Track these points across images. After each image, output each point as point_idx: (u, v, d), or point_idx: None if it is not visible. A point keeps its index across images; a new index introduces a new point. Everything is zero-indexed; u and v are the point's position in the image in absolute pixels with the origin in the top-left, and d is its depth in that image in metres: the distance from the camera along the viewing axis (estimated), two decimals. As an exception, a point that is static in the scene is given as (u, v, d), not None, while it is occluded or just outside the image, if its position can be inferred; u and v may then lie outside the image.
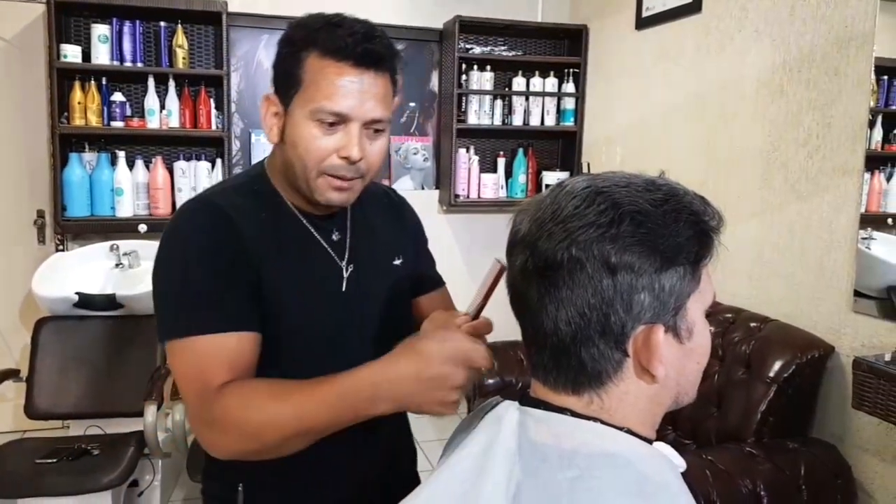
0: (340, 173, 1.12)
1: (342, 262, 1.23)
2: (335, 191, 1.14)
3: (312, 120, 1.09)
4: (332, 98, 1.08)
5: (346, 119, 1.09)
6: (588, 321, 0.70)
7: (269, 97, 1.15)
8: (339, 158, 1.11)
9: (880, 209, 2.36)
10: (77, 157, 3.39)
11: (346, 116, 1.09)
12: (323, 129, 1.09)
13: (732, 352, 2.44)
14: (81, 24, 3.45)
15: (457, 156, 4.03)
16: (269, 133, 1.16)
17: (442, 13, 3.99)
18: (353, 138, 1.10)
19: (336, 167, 1.11)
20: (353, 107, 1.09)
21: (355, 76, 1.09)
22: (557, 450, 0.71)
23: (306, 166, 1.11)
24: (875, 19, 2.24)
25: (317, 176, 1.12)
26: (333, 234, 1.23)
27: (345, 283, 1.22)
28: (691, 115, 3.14)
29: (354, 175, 1.13)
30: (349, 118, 1.09)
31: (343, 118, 1.09)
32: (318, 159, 1.11)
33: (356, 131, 1.10)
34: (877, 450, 2.23)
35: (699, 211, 0.72)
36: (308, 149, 1.10)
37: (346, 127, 1.10)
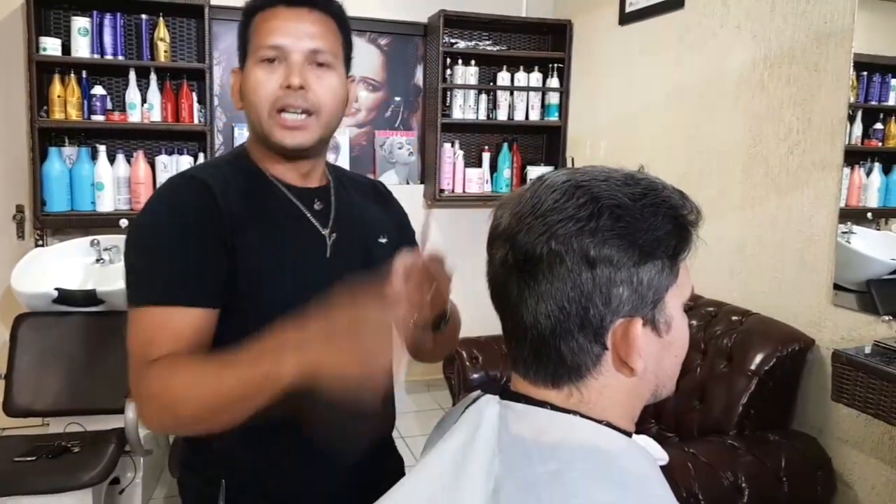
0: (285, 103, 1.15)
1: (325, 230, 1.23)
2: (287, 130, 1.16)
3: (257, 65, 1.15)
4: (268, 35, 1.14)
5: (285, 53, 1.14)
6: (567, 314, 0.70)
7: (235, 71, 1.23)
8: (282, 89, 1.14)
9: (860, 203, 2.39)
10: (57, 152, 3.36)
11: (282, 49, 1.14)
12: (265, 69, 1.15)
13: (714, 345, 2.46)
14: (61, 16, 3.42)
15: (442, 150, 4.03)
16: (235, 102, 1.22)
17: (426, 7, 3.98)
18: (292, 66, 1.14)
19: (280, 98, 1.14)
20: (287, 39, 1.14)
21: (289, 15, 1.16)
22: (537, 443, 0.72)
23: (258, 109, 1.16)
24: (854, 15, 2.26)
25: (268, 116, 1.16)
26: (315, 203, 1.24)
27: (328, 249, 1.23)
28: (674, 110, 3.15)
29: (301, 104, 1.15)
30: (286, 51, 1.14)
31: (281, 52, 1.14)
32: (265, 97, 1.15)
33: (296, 60, 1.15)
34: (856, 441, 2.26)
35: (678, 205, 0.72)
36: (255, 90, 1.15)
37: (287, 61, 1.15)
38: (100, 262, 3.27)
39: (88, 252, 3.28)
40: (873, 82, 2.36)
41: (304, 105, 1.15)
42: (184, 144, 3.65)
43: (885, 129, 2.37)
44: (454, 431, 0.79)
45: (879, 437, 2.18)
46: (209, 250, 1.09)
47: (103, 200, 3.43)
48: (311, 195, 1.25)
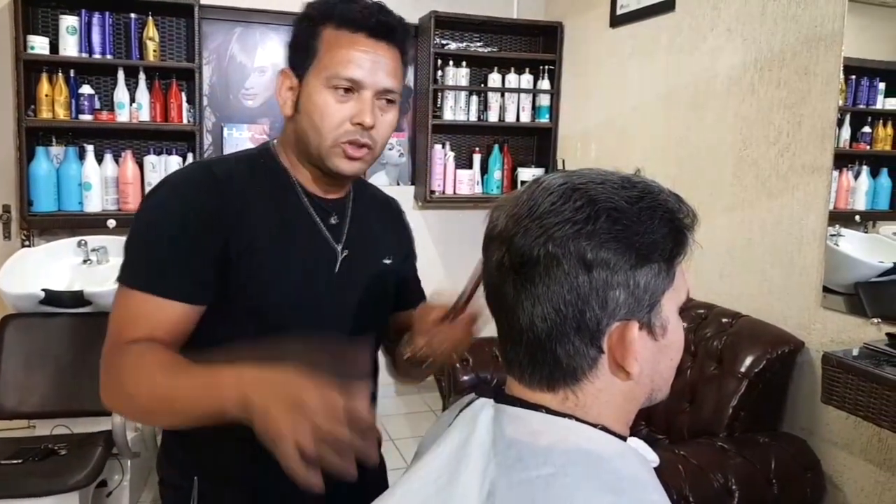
0: (353, 138, 1.15)
1: (338, 245, 1.24)
2: (347, 160, 1.16)
3: (327, 87, 1.13)
4: (346, 65, 1.12)
5: (360, 86, 1.13)
6: (564, 317, 0.70)
7: (285, 71, 1.19)
8: (353, 125, 1.14)
9: (848, 206, 2.40)
10: (44, 151, 3.33)
11: (359, 83, 1.13)
12: (337, 97, 1.13)
13: (704, 347, 2.47)
14: (49, 14, 3.39)
15: (432, 151, 4.02)
16: (284, 106, 1.20)
17: (417, 8, 3.97)
18: (366, 104, 1.14)
19: (349, 133, 1.14)
20: (366, 75, 1.13)
21: (369, 46, 1.13)
22: (532, 447, 0.71)
23: (321, 133, 1.15)
24: (844, 19, 2.27)
25: (331, 144, 1.15)
26: (332, 217, 1.25)
27: (338, 266, 1.23)
28: (664, 113, 3.16)
29: (367, 142, 1.16)
30: (362, 85, 1.13)
31: (357, 85, 1.13)
32: (332, 126, 1.14)
33: (369, 98, 1.14)
34: (845, 443, 2.27)
35: (674, 209, 0.72)
36: (323, 115, 1.14)
37: (359, 95, 1.14)
38: (87, 262, 3.25)
39: (76, 253, 3.25)
40: (861, 86, 2.37)
41: (367, 142, 1.16)
42: (172, 144, 3.63)
43: (873, 133, 2.38)
44: (448, 435, 0.79)
45: (868, 439, 2.19)
46: (202, 252, 1.11)
47: (91, 201, 3.40)
48: (330, 208, 1.25)
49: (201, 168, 1.20)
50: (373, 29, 1.14)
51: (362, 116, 1.13)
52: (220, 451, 1.18)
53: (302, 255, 1.20)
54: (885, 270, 2.25)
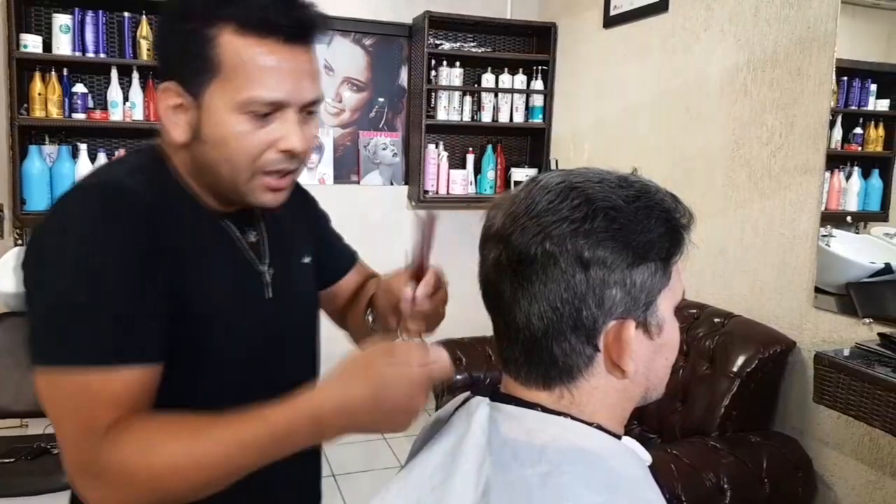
0: (279, 168, 0.95)
1: (262, 265, 1.06)
2: (271, 192, 0.97)
3: (241, 113, 0.91)
4: (264, 86, 0.90)
5: (283, 106, 0.92)
6: (560, 316, 0.70)
7: (169, 88, 0.93)
8: (279, 152, 0.93)
9: (839, 207, 2.41)
10: (37, 150, 3.31)
11: (282, 104, 0.92)
12: (255, 123, 0.91)
13: (697, 347, 2.48)
14: (42, 13, 3.37)
15: (426, 151, 4.02)
16: (173, 131, 0.94)
17: (411, 8, 3.98)
18: (292, 127, 0.93)
19: (274, 161, 0.94)
20: (290, 92, 0.92)
21: (287, 55, 0.91)
22: (528, 445, 0.71)
23: (236, 167, 0.93)
24: (836, 21, 2.28)
25: (250, 177, 0.94)
26: (250, 234, 1.06)
27: (269, 290, 1.06)
28: (657, 113, 3.17)
29: (293, 167, 0.97)
30: (286, 105, 0.92)
31: (278, 106, 0.92)
32: (252, 157, 0.92)
33: (294, 118, 0.93)
34: (836, 443, 2.28)
35: (671, 208, 0.72)
36: (240, 147, 0.92)
37: (281, 115, 0.93)
38: (80, 261, 3.23)
39: (69, 251, 3.24)
40: (853, 87, 2.39)
41: (296, 167, 0.98)
42: (166, 143, 3.61)
43: (865, 134, 2.40)
44: (444, 433, 0.79)
45: (859, 439, 2.20)
46: (154, 294, 0.89)
47: (84, 199, 3.38)
48: (244, 223, 1.05)
49: (121, 188, 0.91)
50: (290, 31, 0.91)
51: (290, 142, 0.93)
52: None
53: (231, 287, 1.01)
54: (877, 271, 2.26)
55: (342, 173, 4.09)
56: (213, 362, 0.97)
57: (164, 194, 0.95)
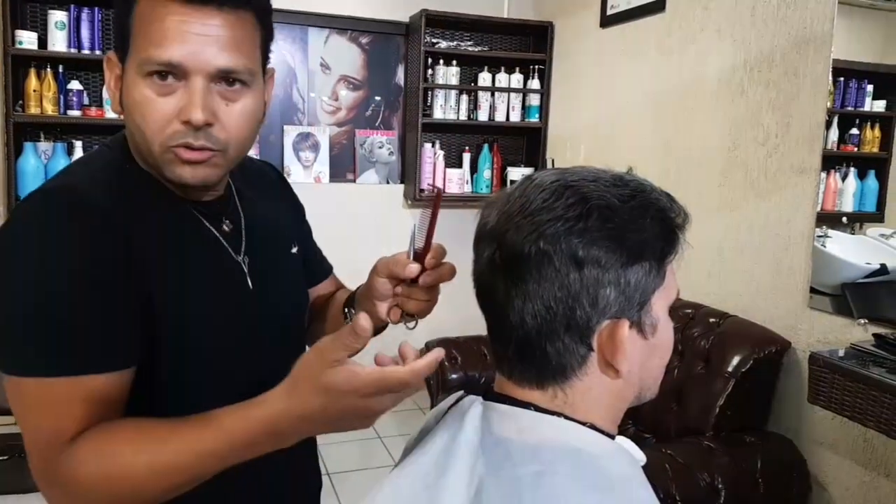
0: (183, 141, 0.88)
1: (239, 256, 1.02)
2: (186, 165, 0.90)
3: (144, 77, 0.86)
4: (160, 45, 0.85)
5: (184, 71, 0.86)
6: (554, 315, 0.70)
7: (109, 56, 0.92)
8: (181, 123, 0.88)
9: (835, 208, 2.42)
10: (32, 147, 3.31)
11: (180, 67, 0.86)
12: (157, 89, 0.86)
13: (692, 347, 2.48)
14: (38, 9, 3.37)
15: (422, 150, 4.02)
16: (113, 101, 0.93)
17: (408, 7, 3.97)
18: (193, 95, 0.86)
19: (179, 134, 0.88)
20: (188, 54, 0.85)
21: (188, 14, 0.85)
22: (521, 445, 0.71)
23: (146, 137, 0.88)
24: (833, 21, 2.28)
25: (162, 150, 0.89)
26: (224, 223, 1.02)
27: (249, 279, 1.02)
28: (654, 113, 3.17)
29: (206, 145, 0.89)
30: (186, 70, 0.86)
31: (178, 70, 0.86)
32: (156, 127, 0.88)
33: (198, 86, 0.87)
34: (831, 443, 2.28)
35: (666, 208, 0.72)
36: (144, 115, 0.87)
37: (186, 83, 0.87)
38: (75, 258, 3.22)
39: (63, 249, 3.23)
40: (850, 88, 2.39)
41: (206, 145, 0.89)
42: (162, 141, 3.61)
43: (861, 135, 2.40)
44: (437, 432, 0.79)
45: (854, 439, 2.20)
46: (122, 293, 0.86)
47: (79, 196, 3.37)
48: (219, 213, 1.02)
49: (68, 193, 0.88)
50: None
51: (188, 111, 0.86)
52: None
53: (212, 282, 0.98)
54: (872, 272, 2.26)
55: (338, 172, 4.08)
56: (194, 359, 0.95)
57: (128, 192, 0.92)
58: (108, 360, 0.85)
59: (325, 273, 1.29)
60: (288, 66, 3.90)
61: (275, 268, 1.08)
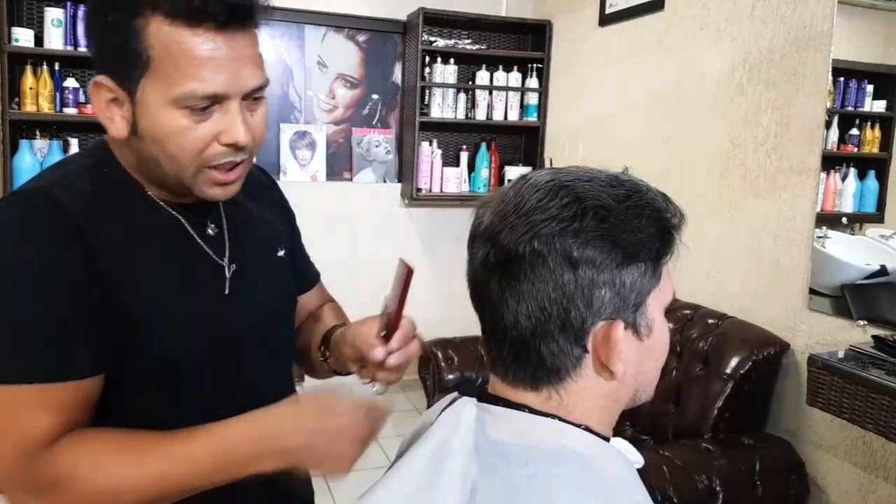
0: (224, 161, 0.89)
1: (223, 259, 1.00)
2: (219, 186, 0.92)
3: (179, 108, 0.85)
4: (200, 78, 0.84)
5: (223, 98, 0.87)
6: (548, 315, 0.69)
7: (101, 82, 0.88)
8: (222, 146, 0.88)
9: (835, 208, 2.41)
10: (28, 144, 3.30)
11: (222, 96, 0.86)
12: (195, 117, 0.86)
13: (690, 348, 2.47)
14: (34, 7, 3.36)
15: (419, 149, 4.01)
16: (111, 127, 0.90)
17: (406, 5, 3.96)
18: (235, 119, 0.87)
19: (219, 155, 0.89)
20: (228, 82, 0.86)
21: (222, 42, 0.84)
22: (515, 447, 0.71)
23: (180, 163, 0.88)
24: (833, 21, 2.28)
25: (196, 172, 0.89)
26: (208, 227, 1.00)
27: (227, 285, 0.99)
28: (652, 112, 3.16)
29: (242, 160, 0.92)
30: (226, 96, 0.87)
31: (218, 98, 0.87)
32: (195, 153, 0.87)
33: (237, 109, 0.88)
34: (829, 445, 2.27)
35: (662, 208, 0.71)
36: (181, 144, 0.87)
37: (222, 106, 0.87)
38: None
39: (59, 247, 3.22)
40: (850, 88, 2.38)
41: (244, 158, 0.92)
42: (158, 139, 3.60)
43: (861, 135, 2.39)
44: (430, 434, 0.78)
45: (853, 442, 2.20)
46: (85, 302, 0.86)
47: (75, 194, 3.37)
48: (202, 218, 1.00)
49: (36, 198, 0.87)
50: (223, 16, 0.84)
51: (234, 135, 0.87)
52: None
53: (187, 284, 0.96)
54: (872, 273, 2.25)
55: (335, 171, 4.07)
56: (163, 364, 0.92)
57: (103, 196, 0.91)
58: (71, 368, 0.84)
59: (311, 282, 1.26)
60: (285, 64, 3.89)
61: (260, 273, 1.06)
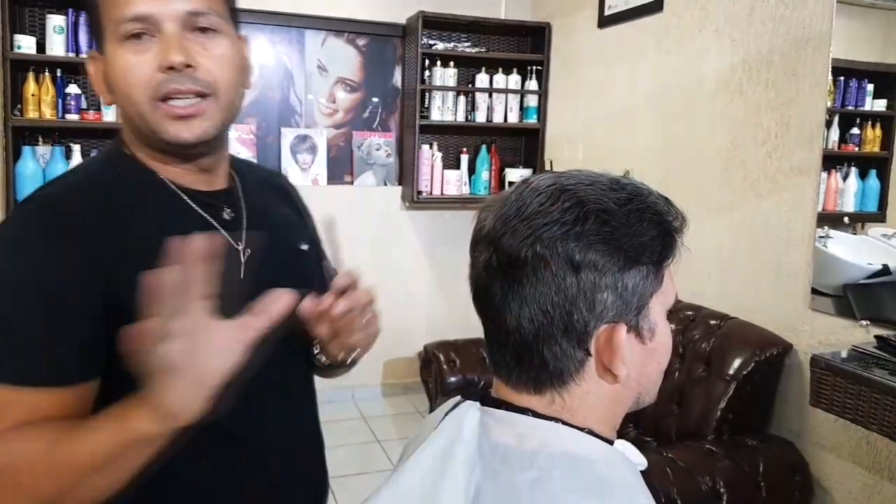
0: (170, 88, 0.90)
1: (239, 244, 1.01)
2: (178, 120, 0.91)
3: (120, 44, 0.89)
4: (127, 3, 0.88)
5: (154, 23, 0.89)
6: (551, 319, 0.69)
7: (91, 54, 0.96)
8: (162, 72, 0.89)
9: (836, 208, 2.41)
10: (30, 151, 3.31)
11: (150, 18, 0.88)
12: (133, 49, 0.89)
13: (693, 349, 2.47)
14: (36, 14, 3.37)
15: (420, 152, 4.02)
16: (101, 95, 0.97)
17: (405, 8, 3.97)
18: (169, 41, 0.89)
19: (162, 83, 0.89)
20: (153, 4, 0.88)
21: None
22: (518, 451, 0.71)
23: (135, 100, 0.90)
24: (832, 20, 2.28)
25: (152, 109, 0.90)
26: (224, 212, 1.02)
27: (242, 269, 1.00)
28: (653, 114, 3.16)
29: (193, 87, 0.91)
30: (154, 19, 0.89)
31: (149, 23, 0.89)
32: (141, 84, 0.89)
33: (170, 31, 0.89)
34: (833, 446, 2.27)
35: (663, 211, 0.71)
36: (129, 80, 0.90)
37: (160, 35, 0.90)
38: (72, 263, 3.22)
39: (61, 253, 3.23)
40: (850, 87, 2.38)
41: (194, 87, 0.91)
42: (159, 144, 3.61)
43: (862, 134, 2.39)
44: (434, 438, 0.78)
45: (857, 442, 2.19)
46: (80, 315, 0.86)
47: (76, 200, 3.37)
48: (219, 202, 1.02)
49: (44, 208, 0.91)
50: None
51: (166, 56, 0.88)
52: None
53: None
54: (874, 272, 2.25)
55: (336, 174, 4.08)
56: None
57: (120, 186, 0.95)
58: (59, 374, 0.84)
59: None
60: (285, 69, 3.90)
61: (277, 261, 1.06)
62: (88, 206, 0.91)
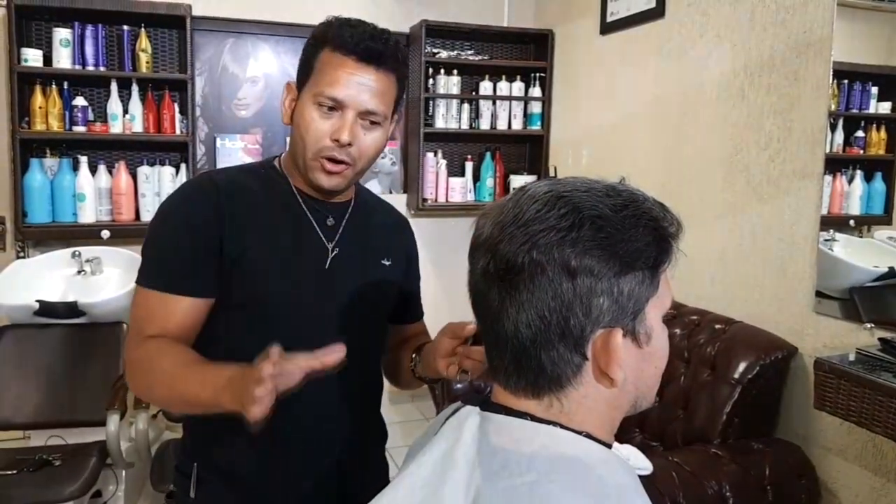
0: (331, 154, 1.23)
1: (330, 243, 1.32)
2: (325, 174, 1.25)
3: (314, 104, 1.22)
4: (332, 85, 1.21)
5: (342, 106, 1.21)
6: (548, 324, 0.70)
7: (290, 84, 1.30)
8: (331, 141, 1.22)
9: (842, 211, 2.40)
10: (38, 163, 3.33)
11: (341, 103, 1.21)
12: (321, 113, 1.22)
13: (697, 354, 2.47)
14: (43, 27, 3.40)
15: (424, 160, 4.03)
16: (284, 116, 1.31)
17: (408, 17, 3.99)
18: (345, 123, 1.21)
19: (328, 149, 1.22)
20: (348, 96, 1.21)
21: (356, 69, 1.22)
22: (517, 455, 0.72)
23: (304, 146, 1.24)
24: (832, 24, 2.28)
25: (312, 157, 1.24)
26: (328, 219, 1.33)
27: (328, 262, 1.31)
28: (655, 119, 3.17)
29: (345, 159, 1.23)
30: (344, 105, 1.21)
31: (339, 105, 1.21)
32: (313, 139, 1.23)
33: (350, 118, 1.22)
34: (839, 449, 2.27)
35: (658, 217, 0.72)
36: (307, 129, 1.23)
37: (342, 114, 1.22)
38: (81, 273, 3.24)
39: (70, 264, 3.25)
40: (854, 90, 2.38)
41: (346, 159, 1.24)
42: (165, 155, 3.63)
43: (866, 137, 2.39)
44: (434, 443, 0.79)
45: (863, 445, 2.19)
46: (203, 249, 1.23)
47: (85, 212, 3.40)
48: (327, 211, 1.33)
49: (202, 177, 1.34)
50: (361, 54, 1.22)
51: (339, 133, 1.21)
52: (219, 443, 1.30)
53: (294, 254, 1.29)
54: (880, 275, 2.25)
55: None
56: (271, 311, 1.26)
57: (257, 182, 1.31)
58: (193, 287, 1.23)
59: (414, 317, 1.54)
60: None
61: (359, 262, 1.35)
62: (232, 183, 1.29)
